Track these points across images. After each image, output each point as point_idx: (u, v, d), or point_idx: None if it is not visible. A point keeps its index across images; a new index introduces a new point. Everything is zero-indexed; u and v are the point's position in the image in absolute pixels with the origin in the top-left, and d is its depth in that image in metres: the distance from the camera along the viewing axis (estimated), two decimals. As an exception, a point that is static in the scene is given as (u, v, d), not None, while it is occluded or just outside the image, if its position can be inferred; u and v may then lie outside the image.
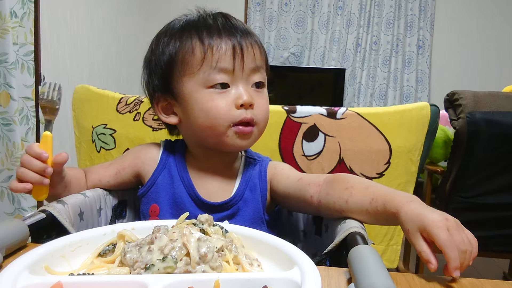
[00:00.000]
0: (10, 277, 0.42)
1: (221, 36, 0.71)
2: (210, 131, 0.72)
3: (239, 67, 0.71)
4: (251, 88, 0.73)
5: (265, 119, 0.75)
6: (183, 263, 0.46)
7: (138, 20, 3.28)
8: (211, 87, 0.70)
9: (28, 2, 1.87)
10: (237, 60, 0.70)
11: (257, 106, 0.72)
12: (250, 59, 0.72)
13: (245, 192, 0.76)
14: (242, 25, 0.76)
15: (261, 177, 0.78)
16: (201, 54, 0.71)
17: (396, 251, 1.10)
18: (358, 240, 0.54)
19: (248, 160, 0.81)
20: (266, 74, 0.78)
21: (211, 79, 0.70)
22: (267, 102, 0.76)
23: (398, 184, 1.04)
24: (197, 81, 0.71)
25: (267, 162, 0.80)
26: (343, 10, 3.68)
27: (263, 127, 0.75)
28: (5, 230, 0.52)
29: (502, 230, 1.65)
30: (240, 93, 0.71)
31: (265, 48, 0.79)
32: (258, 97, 0.73)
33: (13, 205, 1.85)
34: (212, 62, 0.70)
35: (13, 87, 1.77)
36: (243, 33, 0.73)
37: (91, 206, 0.74)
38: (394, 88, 3.69)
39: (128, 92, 1.22)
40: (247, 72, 0.72)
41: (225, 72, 0.70)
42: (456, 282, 0.51)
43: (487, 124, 1.50)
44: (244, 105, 0.70)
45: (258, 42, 0.75)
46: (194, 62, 0.71)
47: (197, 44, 0.71)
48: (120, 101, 1.15)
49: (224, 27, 0.73)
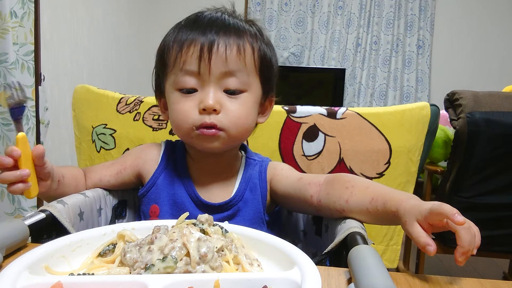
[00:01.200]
0: (10, 277, 0.42)
1: (194, 34, 0.68)
2: (178, 132, 0.73)
3: (205, 71, 0.67)
4: (222, 93, 0.69)
5: (234, 125, 0.69)
6: (183, 263, 0.46)
7: (138, 20, 3.28)
8: (179, 89, 0.70)
9: (28, 2, 1.87)
10: (203, 63, 0.67)
11: (225, 112, 0.69)
12: (220, 62, 0.67)
13: (245, 192, 0.76)
14: (232, 22, 0.71)
15: (261, 178, 0.77)
16: (175, 54, 0.70)
17: (396, 251, 1.10)
18: (358, 240, 0.54)
19: (248, 160, 0.81)
20: (266, 77, 0.74)
21: (178, 82, 0.69)
22: (241, 108, 0.70)
23: (398, 184, 1.04)
24: (170, 82, 0.71)
25: (267, 163, 0.80)
26: (343, 10, 3.67)
27: (236, 132, 0.70)
28: (5, 230, 0.52)
29: (502, 230, 1.65)
30: (203, 97, 0.68)
31: (264, 51, 0.73)
32: (228, 102, 0.69)
33: (13, 205, 1.85)
34: (180, 64, 0.69)
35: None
36: (225, 30, 0.69)
37: (91, 206, 0.74)
38: (394, 88, 3.69)
39: (128, 92, 1.22)
40: (216, 76, 0.68)
41: (191, 75, 0.68)
42: (456, 282, 0.51)
43: (487, 124, 1.50)
44: (206, 109, 0.67)
45: (242, 44, 0.69)
46: (169, 62, 0.71)
47: (174, 43, 0.70)
48: (120, 101, 1.15)
49: (203, 24, 0.70)
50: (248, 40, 0.71)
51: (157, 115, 1.12)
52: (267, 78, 0.75)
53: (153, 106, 1.13)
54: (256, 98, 0.73)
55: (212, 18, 0.71)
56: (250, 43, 0.71)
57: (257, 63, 0.72)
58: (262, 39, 0.74)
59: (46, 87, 2.03)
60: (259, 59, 0.72)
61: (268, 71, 0.75)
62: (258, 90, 0.73)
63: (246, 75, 0.70)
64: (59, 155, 2.30)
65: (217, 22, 0.70)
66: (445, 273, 2.24)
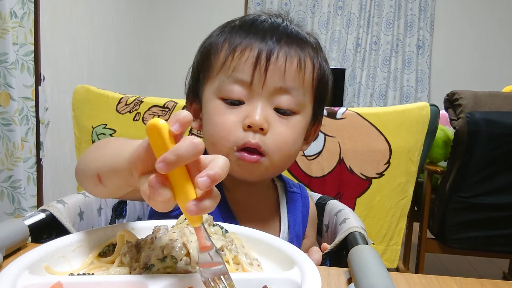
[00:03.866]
0: (10, 277, 0.42)
1: (252, 38, 0.59)
2: (213, 149, 0.61)
3: (259, 82, 0.58)
4: (272, 110, 0.60)
5: (279, 151, 0.60)
6: (183, 263, 0.46)
7: (138, 20, 3.28)
8: (223, 98, 0.60)
9: (28, 2, 1.87)
10: (257, 72, 0.58)
11: (273, 132, 0.59)
12: (277, 75, 0.58)
13: (293, 241, 0.67)
14: (295, 31, 0.62)
15: (304, 224, 0.70)
16: (224, 57, 0.60)
17: (396, 251, 1.10)
18: (358, 240, 0.54)
19: (290, 195, 0.71)
20: (320, 100, 0.64)
21: (224, 90, 0.60)
22: (290, 131, 0.61)
23: (398, 184, 1.04)
24: (213, 87, 0.61)
25: (308, 208, 0.72)
26: (343, 10, 3.68)
27: (279, 159, 0.61)
28: (5, 230, 0.52)
29: (502, 230, 1.65)
30: (251, 112, 0.58)
31: (324, 69, 0.64)
32: (277, 123, 0.60)
33: (13, 205, 1.85)
34: (230, 69, 0.59)
35: (13, 87, 1.77)
36: (286, 39, 0.60)
37: (91, 206, 0.74)
38: (394, 88, 3.69)
39: (128, 92, 1.22)
40: (269, 90, 0.59)
41: (240, 84, 0.59)
42: (456, 282, 0.51)
43: (487, 124, 1.50)
44: (252, 127, 0.58)
45: (303, 57, 0.60)
46: (215, 66, 0.61)
47: (225, 44, 0.61)
48: (120, 101, 1.15)
49: (264, 28, 0.61)
50: (309, 54, 0.62)
51: (157, 115, 1.12)
52: (321, 100, 0.66)
53: (153, 106, 1.13)
54: (306, 123, 0.65)
55: (274, 24, 0.63)
56: (311, 58, 0.62)
57: (315, 83, 0.63)
58: (321, 53, 0.66)
59: (46, 87, 2.03)
60: (318, 78, 0.63)
61: (324, 92, 0.66)
62: (309, 113, 0.65)
63: (302, 95, 0.61)
64: (59, 155, 2.30)
65: (279, 29, 0.62)
66: (445, 273, 2.24)
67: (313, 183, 1.06)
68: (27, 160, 1.88)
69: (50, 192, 2.13)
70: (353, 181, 1.05)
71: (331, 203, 0.76)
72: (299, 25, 0.66)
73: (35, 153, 1.94)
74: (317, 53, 0.64)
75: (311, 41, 0.64)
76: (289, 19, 0.66)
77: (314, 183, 1.06)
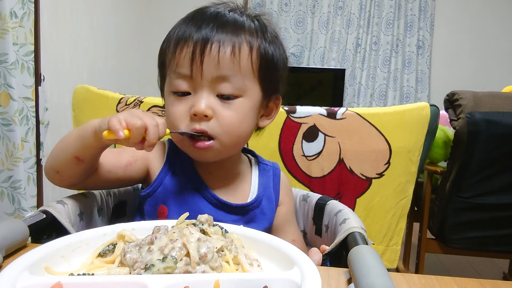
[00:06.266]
0: (10, 277, 0.42)
1: (190, 30, 0.65)
2: (172, 136, 0.69)
3: (197, 74, 0.64)
4: (215, 98, 0.65)
5: (226, 133, 0.66)
6: (183, 263, 0.46)
7: (138, 20, 3.28)
8: (174, 92, 0.67)
9: (28, 2, 1.87)
10: (194, 66, 0.64)
11: (218, 118, 0.65)
12: (212, 66, 0.63)
13: (263, 200, 0.73)
14: (230, 17, 0.67)
15: (276, 190, 0.76)
16: (170, 54, 0.67)
17: (396, 251, 1.10)
18: (358, 240, 0.54)
19: (262, 166, 0.78)
20: (267, 79, 0.69)
21: (172, 84, 0.67)
22: (234, 114, 0.66)
23: (398, 184, 1.04)
24: (167, 83, 0.69)
25: (279, 172, 0.78)
26: (343, 10, 3.68)
27: (229, 141, 0.67)
28: (5, 230, 0.52)
29: (502, 230, 1.65)
30: (195, 102, 0.64)
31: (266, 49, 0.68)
32: (221, 108, 0.65)
33: (13, 205, 1.85)
34: (174, 66, 0.66)
35: (13, 88, 1.77)
36: (222, 26, 0.64)
37: (91, 206, 0.74)
38: (394, 88, 3.69)
39: (128, 92, 1.22)
40: (208, 80, 0.64)
41: (183, 78, 0.65)
42: (456, 282, 0.51)
43: (487, 124, 1.50)
44: (197, 115, 0.64)
45: (237, 44, 0.64)
46: (166, 62, 0.68)
47: (171, 41, 0.67)
48: (120, 101, 1.15)
49: (203, 18, 0.66)
50: (246, 38, 0.66)
51: (157, 115, 1.12)
52: (268, 79, 0.70)
53: (153, 106, 1.13)
54: (253, 103, 0.69)
55: (213, 12, 0.68)
56: (248, 42, 0.66)
57: (255, 64, 0.67)
58: (263, 36, 0.69)
59: (46, 87, 2.03)
60: (258, 59, 0.67)
61: (270, 72, 0.70)
62: (256, 94, 0.69)
63: (241, 79, 0.66)
64: (59, 155, 2.29)
65: (216, 17, 0.66)
66: (445, 273, 2.24)
67: (313, 183, 1.06)
68: (27, 160, 1.88)
69: (50, 192, 2.13)
70: (353, 181, 1.05)
71: (331, 203, 0.76)
72: (244, 12, 0.70)
73: (35, 153, 1.93)
74: (256, 35, 0.67)
75: (249, 25, 0.68)
76: (232, 6, 0.70)
77: (314, 183, 1.06)
